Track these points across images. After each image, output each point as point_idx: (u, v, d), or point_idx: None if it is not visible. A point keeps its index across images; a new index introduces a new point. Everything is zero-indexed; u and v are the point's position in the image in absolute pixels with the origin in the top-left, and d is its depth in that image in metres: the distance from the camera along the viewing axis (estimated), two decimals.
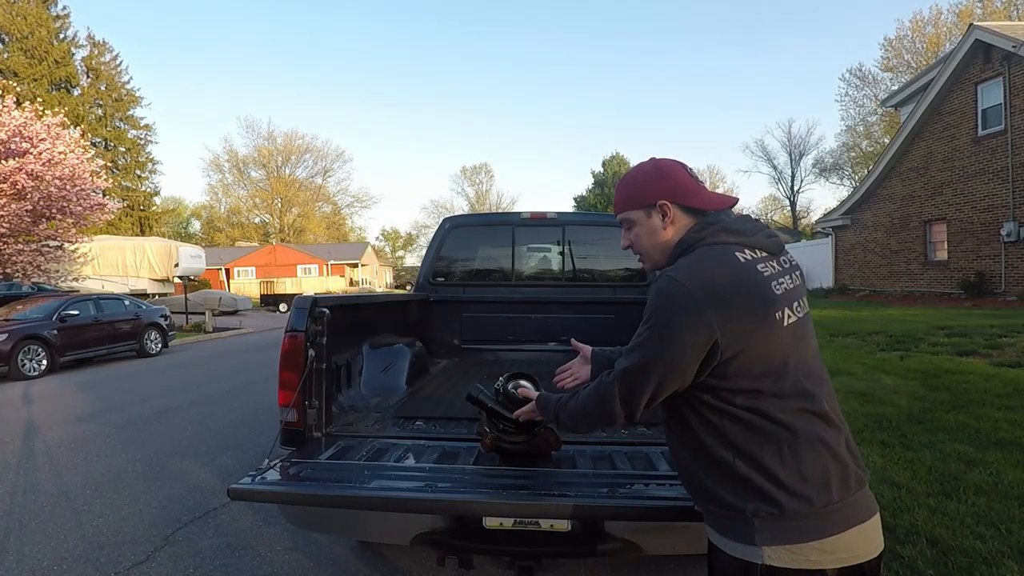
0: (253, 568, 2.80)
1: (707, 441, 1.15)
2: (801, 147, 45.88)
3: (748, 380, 1.10)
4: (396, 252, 68.57)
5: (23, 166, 12.73)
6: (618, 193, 1.34)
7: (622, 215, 1.32)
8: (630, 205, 1.30)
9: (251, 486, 1.78)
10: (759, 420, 1.10)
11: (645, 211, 1.27)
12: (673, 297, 1.11)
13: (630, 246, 1.34)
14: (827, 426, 1.12)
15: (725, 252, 1.17)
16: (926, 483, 3.19)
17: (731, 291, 1.10)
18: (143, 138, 38.99)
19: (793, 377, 1.11)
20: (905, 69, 32.35)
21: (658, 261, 1.30)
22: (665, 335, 1.11)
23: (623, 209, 1.32)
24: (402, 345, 3.45)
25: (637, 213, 1.29)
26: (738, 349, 1.08)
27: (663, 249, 1.28)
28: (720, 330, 1.07)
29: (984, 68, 13.63)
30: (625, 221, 1.32)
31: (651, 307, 1.15)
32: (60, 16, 33.60)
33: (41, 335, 9.53)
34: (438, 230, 4.41)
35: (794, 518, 1.07)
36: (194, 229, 61.54)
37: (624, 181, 1.33)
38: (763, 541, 1.08)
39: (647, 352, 1.14)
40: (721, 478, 1.14)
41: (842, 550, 1.08)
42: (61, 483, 4.04)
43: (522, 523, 1.71)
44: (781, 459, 1.08)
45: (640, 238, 1.30)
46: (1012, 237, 12.85)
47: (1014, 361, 6.20)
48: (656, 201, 1.25)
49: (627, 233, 1.34)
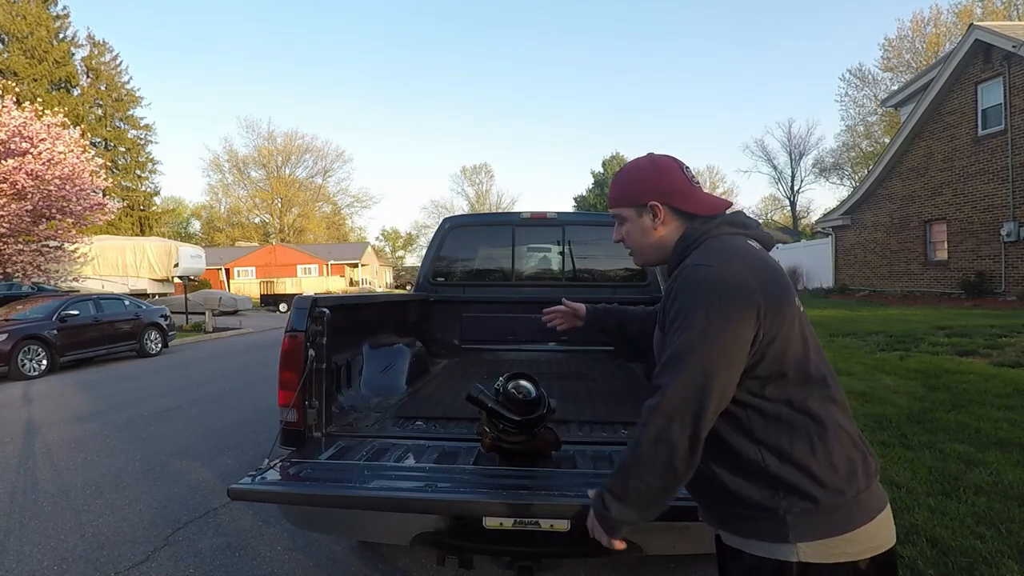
0: (253, 568, 2.80)
1: (732, 439, 1.10)
2: (801, 147, 45.87)
3: (779, 366, 1.06)
4: (396, 252, 68.60)
5: (23, 166, 12.74)
6: (612, 188, 1.33)
7: (614, 211, 1.32)
8: (622, 202, 1.29)
9: (251, 486, 1.78)
10: (787, 411, 1.07)
11: (636, 210, 1.26)
12: (720, 286, 1.04)
13: (621, 240, 1.34)
14: (844, 413, 1.11)
15: (739, 240, 1.15)
16: (926, 483, 3.19)
17: (765, 276, 1.07)
18: (143, 138, 39.02)
19: (814, 363, 1.09)
20: (905, 69, 32.36)
21: (649, 258, 1.30)
22: (721, 328, 1.02)
23: (615, 205, 1.31)
24: (402, 345, 3.45)
25: (628, 211, 1.28)
26: (773, 336, 1.05)
27: (656, 247, 1.27)
28: (763, 317, 1.03)
29: (984, 68, 13.63)
30: (617, 217, 1.32)
31: (695, 302, 1.05)
32: (60, 16, 33.61)
33: (41, 335, 9.53)
34: (438, 230, 4.42)
35: (828, 511, 1.04)
36: (194, 229, 61.57)
37: (619, 177, 1.32)
38: (797, 537, 1.04)
39: (702, 354, 1.02)
40: (748, 477, 1.08)
41: (871, 539, 1.06)
42: (61, 483, 4.04)
43: (522, 523, 1.71)
44: (813, 451, 1.05)
45: (631, 235, 1.29)
46: (1012, 237, 12.85)
47: (1014, 361, 6.20)
48: (648, 201, 1.24)
49: (619, 228, 1.33)
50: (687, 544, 1.84)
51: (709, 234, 1.18)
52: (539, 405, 1.92)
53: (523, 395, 1.90)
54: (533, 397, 1.91)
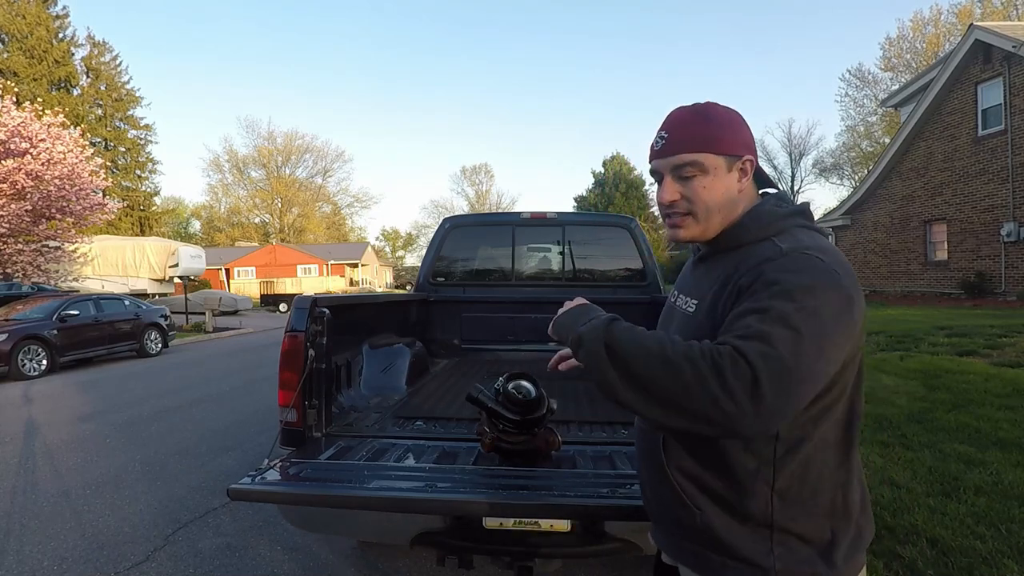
0: (253, 568, 2.80)
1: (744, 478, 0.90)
2: (801, 147, 45.84)
3: (840, 398, 0.89)
4: (396, 252, 68.58)
5: (22, 166, 12.74)
6: (691, 129, 0.97)
7: (691, 156, 0.96)
8: (708, 146, 0.96)
9: (251, 486, 1.78)
10: (823, 455, 0.90)
11: (728, 160, 0.97)
12: (843, 282, 0.84)
13: (679, 200, 0.99)
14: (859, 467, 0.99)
15: (829, 241, 0.97)
16: (926, 483, 3.19)
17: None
18: (143, 138, 38.96)
19: (861, 402, 0.94)
20: (905, 69, 32.35)
21: (707, 229, 1.00)
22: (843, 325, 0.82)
23: (696, 148, 0.96)
24: (402, 345, 3.45)
25: (717, 160, 0.96)
26: (851, 357, 0.88)
27: (729, 213, 0.98)
28: (859, 335, 0.88)
29: (984, 68, 13.63)
30: (692, 166, 0.97)
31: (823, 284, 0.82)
32: (60, 16, 33.58)
33: (41, 335, 9.53)
34: (438, 230, 4.42)
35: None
36: (194, 229, 61.52)
37: (703, 114, 0.98)
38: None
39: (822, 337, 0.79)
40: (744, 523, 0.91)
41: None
42: (61, 483, 4.04)
43: (522, 523, 1.71)
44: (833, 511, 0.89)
45: (712, 190, 0.97)
46: (1012, 237, 12.85)
47: (1014, 361, 6.20)
48: (743, 154, 0.98)
49: (684, 184, 0.98)
50: None
51: (795, 222, 0.97)
52: (539, 405, 1.92)
53: (523, 395, 1.90)
54: (533, 397, 1.91)
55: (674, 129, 0.99)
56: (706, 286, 0.98)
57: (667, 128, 1.00)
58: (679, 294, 1.10)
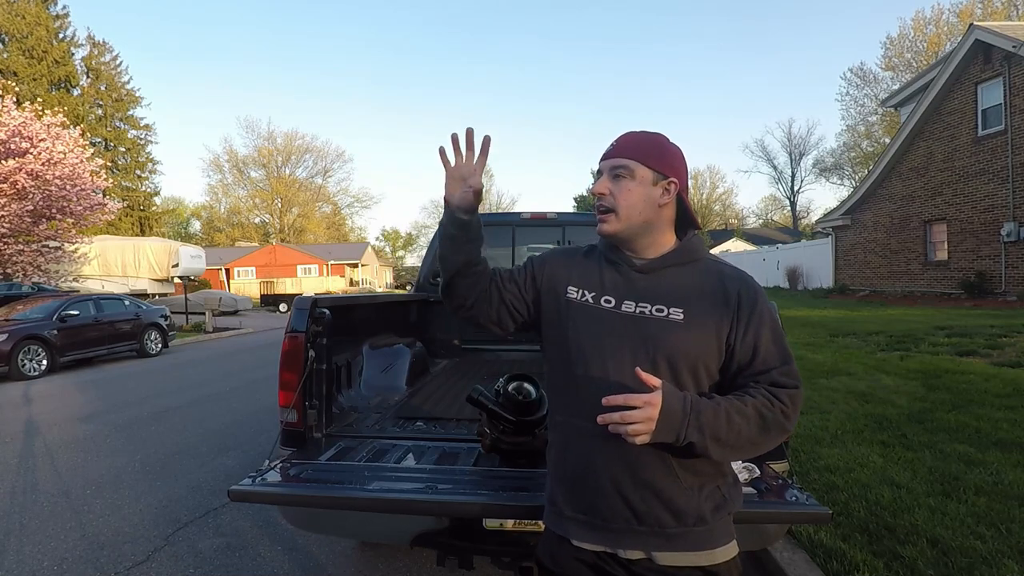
0: (253, 568, 2.80)
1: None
2: (801, 147, 45.94)
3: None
4: (396, 252, 68.54)
5: (23, 166, 12.73)
6: (635, 143, 1.16)
7: (626, 162, 1.13)
8: (642, 158, 1.13)
9: (251, 487, 1.78)
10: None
11: (655, 175, 1.13)
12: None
13: (607, 194, 1.15)
14: None
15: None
16: (926, 483, 3.19)
17: None
18: (143, 138, 38.97)
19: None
20: (906, 68, 32.34)
21: (632, 226, 1.14)
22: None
23: (634, 158, 1.13)
24: (402, 345, 3.45)
25: (645, 171, 1.13)
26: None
27: (646, 221, 1.14)
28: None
29: (984, 68, 13.63)
30: (623, 168, 1.14)
31: (773, 311, 1.18)
32: (59, 16, 33.57)
33: (41, 335, 9.53)
34: (438, 230, 4.41)
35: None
36: (194, 229, 61.53)
37: (648, 136, 1.18)
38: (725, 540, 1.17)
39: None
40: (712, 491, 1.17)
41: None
42: (61, 483, 4.04)
43: (522, 524, 1.71)
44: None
45: (632, 194, 1.13)
46: (1012, 237, 12.85)
47: (1014, 361, 6.20)
48: (671, 175, 1.14)
49: (616, 181, 1.14)
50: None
51: (704, 254, 1.22)
52: (539, 406, 1.91)
53: (523, 396, 1.90)
54: (533, 398, 1.91)
55: (623, 141, 1.18)
56: (681, 296, 1.14)
57: (618, 140, 1.19)
58: (627, 300, 1.15)
